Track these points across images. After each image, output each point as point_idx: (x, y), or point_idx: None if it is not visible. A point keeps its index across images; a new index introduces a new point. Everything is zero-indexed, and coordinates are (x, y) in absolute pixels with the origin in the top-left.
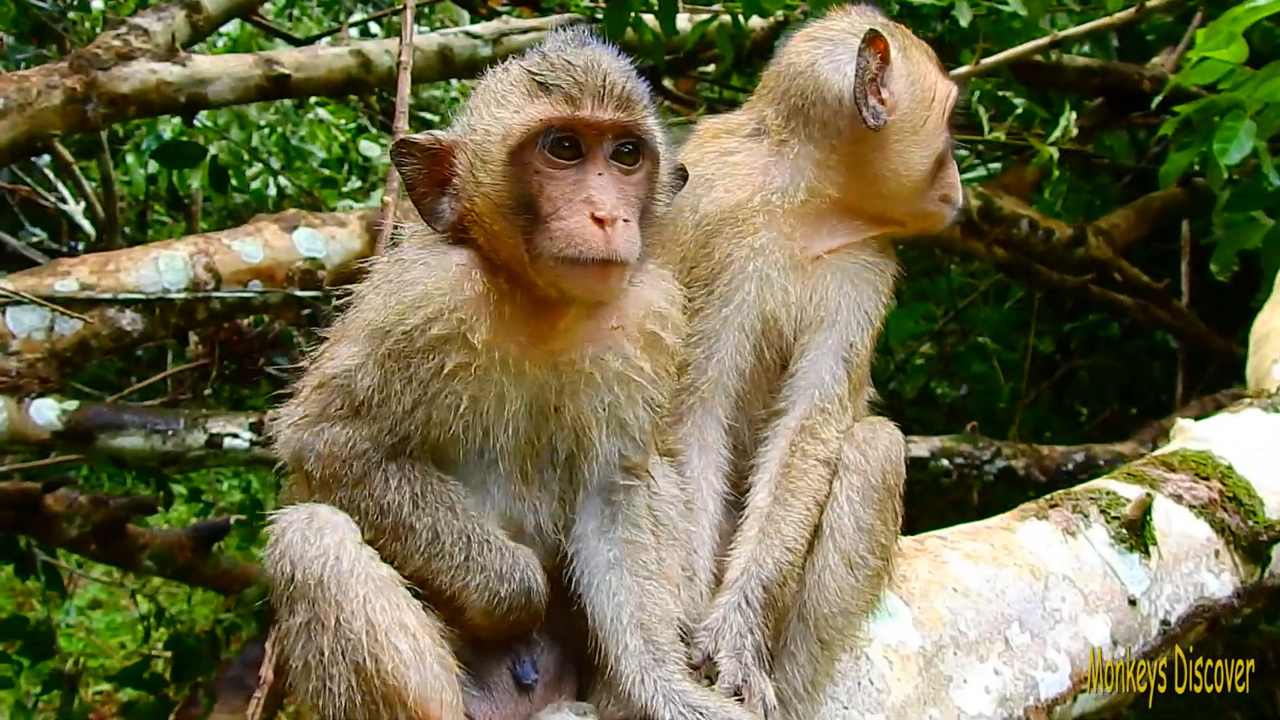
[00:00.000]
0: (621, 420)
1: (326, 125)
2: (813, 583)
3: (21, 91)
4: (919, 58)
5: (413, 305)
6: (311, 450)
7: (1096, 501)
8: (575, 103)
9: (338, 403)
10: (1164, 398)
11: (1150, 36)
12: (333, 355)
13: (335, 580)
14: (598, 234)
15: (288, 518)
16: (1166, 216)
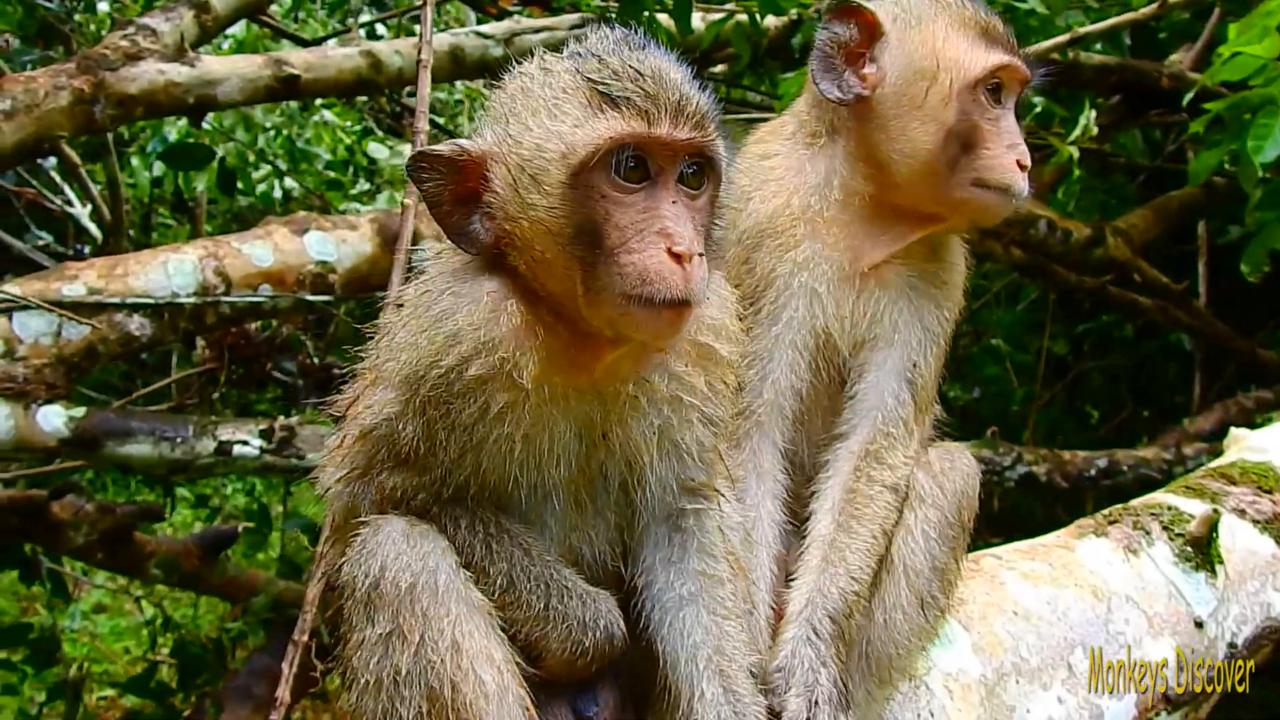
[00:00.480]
0: (674, 442)
1: (332, 128)
2: (881, 620)
3: (28, 92)
4: (938, 29)
5: (445, 344)
6: (365, 500)
7: (1158, 517)
8: (649, 119)
9: (383, 454)
10: (1178, 399)
11: (1163, 34)
12: (369, 403)
13: (429, 593)
14: (675, 271)
15: (383, 520)
16: (1185, 216)
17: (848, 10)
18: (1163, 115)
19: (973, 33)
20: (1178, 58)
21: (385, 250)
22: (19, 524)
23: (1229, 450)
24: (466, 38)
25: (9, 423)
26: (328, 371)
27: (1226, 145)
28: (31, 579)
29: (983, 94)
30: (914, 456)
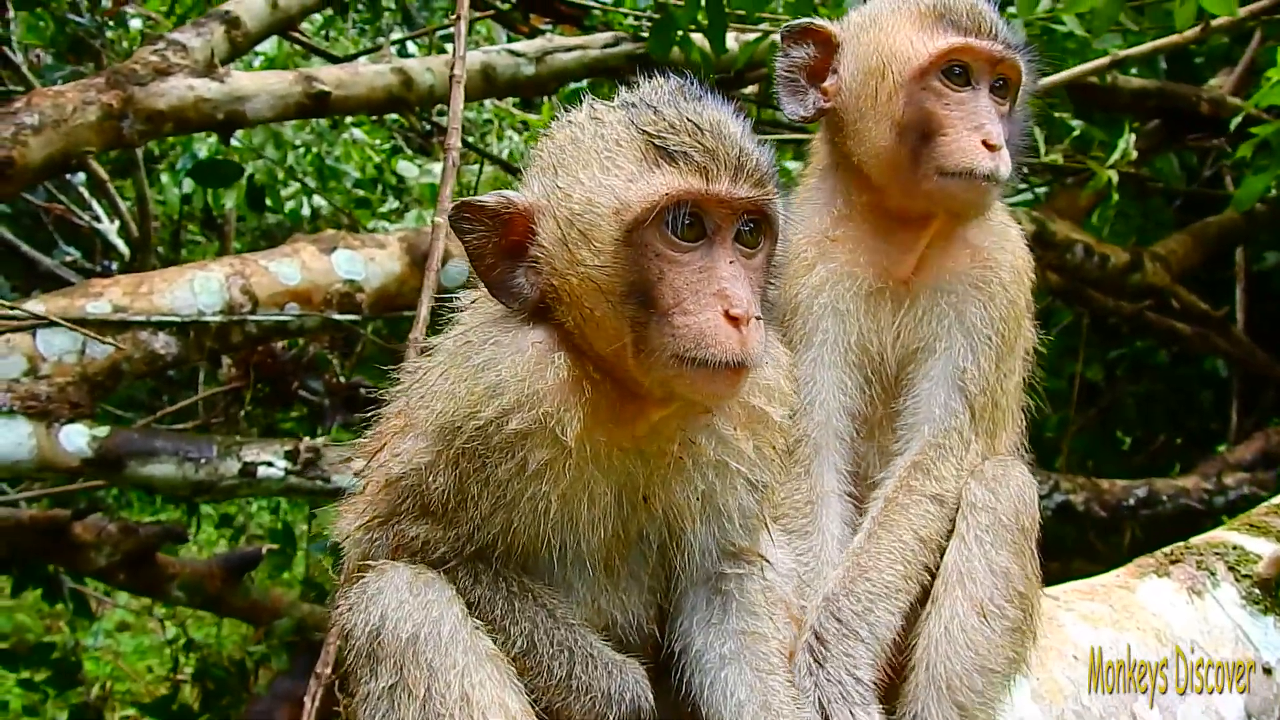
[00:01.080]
0: (718, 507)
1: (361, 145)
2: (939, 635)
3: (57, 107)
4: (886, 25)
5: (486, 395)
6: (382, 547)
7: (1223, 557)
8: (708, 175)
9: (408, 504)
10: (1214, 426)
11: (1199, 59)
12: (398, 450)
13: (434, 643)
14: (732, 334)
15: (388, 566)
16: (1223, 242)
17: (801, 32)
18: (1200, 140)
19: (926, 20)
20: (1217, 82)
21: (414, 269)
22: (41, 544)
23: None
24: (498, 55)
25: (31, 442)
26: (354, 390)
27: (1274, 170)
28: (55, 598)
29: (937, 80)
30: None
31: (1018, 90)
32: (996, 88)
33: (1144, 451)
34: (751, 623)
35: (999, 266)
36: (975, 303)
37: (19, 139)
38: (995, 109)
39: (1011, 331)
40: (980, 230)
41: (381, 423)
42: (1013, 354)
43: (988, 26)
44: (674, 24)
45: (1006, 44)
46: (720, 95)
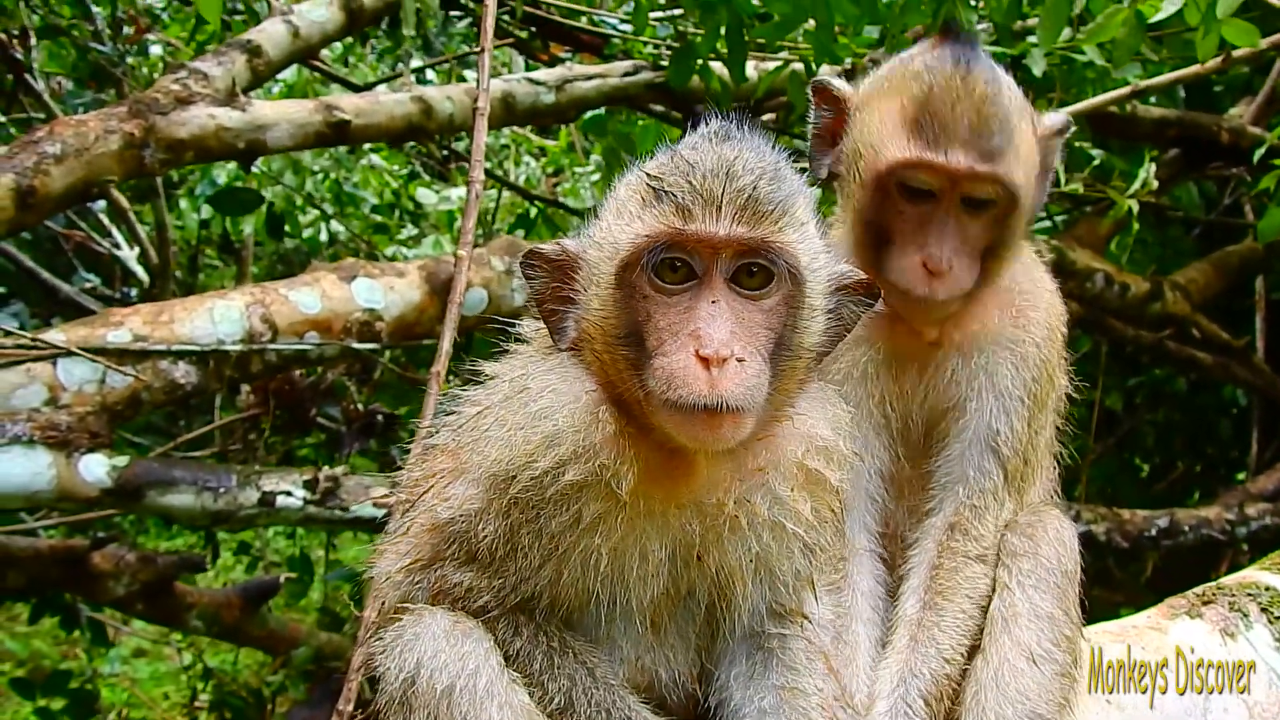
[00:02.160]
0: (771, 570)
1: (380, 171)
2: (989, 682)
3: (79, 136)
4: (880, 109)
5: (544, 445)
6: (423, 591)
7: (1255, 599)
8: (686, 215)
9: (454, 550)
10: (1233, 454)
11: (1218, 88)
12: (446, 495)
13: (469, 696)
14: (700, 376)
15: (426, 612)
16: (1244, 272)
17: (820, 90)
18: (1220, 169)
19: (903, 118)
20: (1237, 112)
21: (433, 298)
22: (60, 574)
23: None
24: (519, 84)
25: (51, 472)
26: (372, 418)
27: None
28: (72, 626)
29: (895, 189)
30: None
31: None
32: (971, 203)
33: (1163, 480)
34: (791, 678)
35: (1031, 324)
36: (1007, 364)
37: (41, 168)
38: (956, 226)
39: (1044, 391)
40: (1011, 284)
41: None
42: (1044, 411)
43: (960, 136)
44: (694, 53)
45: (984, 156)
46: (756, 133)
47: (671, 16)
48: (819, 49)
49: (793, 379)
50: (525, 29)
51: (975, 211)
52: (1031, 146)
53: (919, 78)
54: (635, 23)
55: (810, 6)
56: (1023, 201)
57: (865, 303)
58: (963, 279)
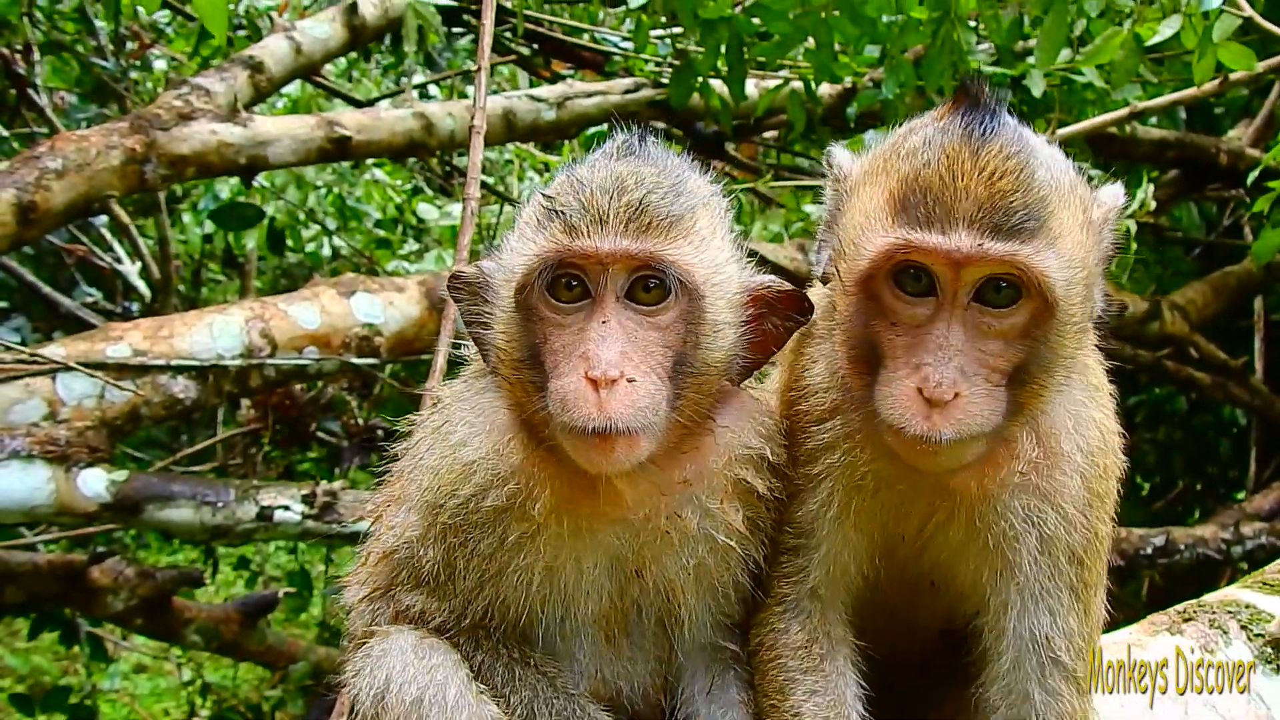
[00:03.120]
0: (712, 582)
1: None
2: None
3: (80, 151)
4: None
5: (462, 475)
6: (384, 617)
7: (1235, 616)
8: (573, 231)
9: (404, 576)
10: (1232, 474)
11: (1219, 109)
12: (391, 524)
13: (438, 707)
14: (589, 398)
15: (393, 630)
16: (1242, 293)
17: (828, 162)
18: (1219, 190)
19: (894, 198)
20: (1236, 134)
21: (432, 313)
22: (59, 589)
23: None
24: (519, 101)
25: (50, 486)
26: (371, 432)
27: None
28: (71, 641)
29: (884, 292)
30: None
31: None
32: (988, 306)
33: (1163, 498)
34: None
35: (1072, 467)
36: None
37: (42, 183)
38: (967, 338)
39: (1095, 561)
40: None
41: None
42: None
43: (962, 212)
44: (694, 71)
45: (998, 233)
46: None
47: (672, 35)
48: (819, 68)
49: (701, 394)
50: (527, 46)
51: (995, 318)
52: (1078, 235)
53: (914, 154)
54: (636, 40)
55: (810, 26)
56: (1063, 304)
57: (794, 319)
58: (978, 413)
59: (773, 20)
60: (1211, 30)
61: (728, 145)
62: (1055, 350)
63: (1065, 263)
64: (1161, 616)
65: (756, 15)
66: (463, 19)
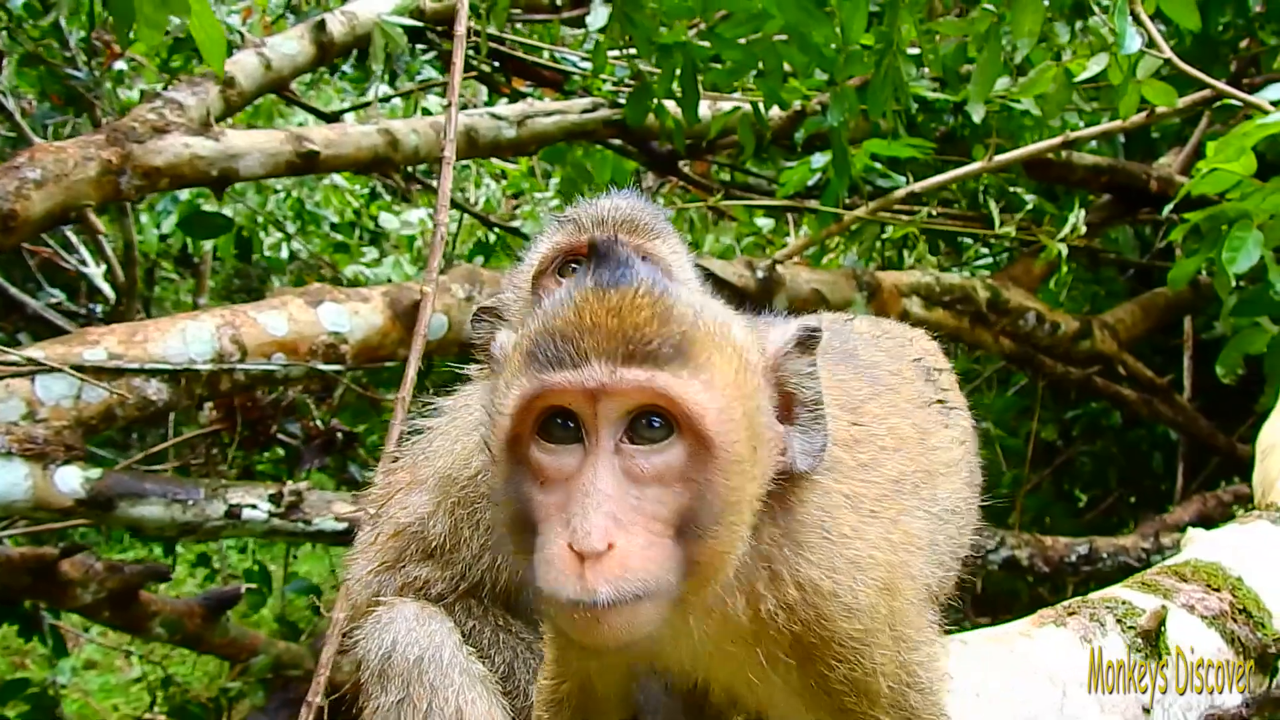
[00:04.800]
0: None
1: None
2: None
3: (59, 162)
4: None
5: (476, 450)
6: (389, 588)
7: (1113, 611)
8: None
9: (412, 549)
10: (1163, 487)
11: (1156, 135)
12: (404, 504)
13: (435, 665)
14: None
15: (398, 604)
16: (1171, 313)
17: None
18: (1151, 214)
19: (524, 352)
20: (1167, 161)
21: (395, 322)
22: (30, 582)
23: (1185, 549)
24: (481, 119)
25: (28, 483)
26: (331, 435)
27: (1204, 254)
28: (30, 633)
29: (535, 446)
30: None
31: (696, 448)
32: (642, 433)
33: (1097, 510)
34: None
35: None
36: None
37: (21, 193)
38: (620, 478)
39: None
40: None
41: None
42: None
43: (595, 345)
44: (650, 93)
45: (632, 359)
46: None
47: (629, 57)
48: (768, 93)
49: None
50: (489, 63)
51: (647, 458)
52: (737, 374)
53: (542, 315)
54: (595, 62)
55: (760, 53)
56: (719, 439)
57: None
58: (639, 566)
59: (725, 47)
60: (1135, 68)
61: (681, 164)
62: (723, 498)
63: (715, 394)
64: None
65: (710, 41)
66: (426, 38)
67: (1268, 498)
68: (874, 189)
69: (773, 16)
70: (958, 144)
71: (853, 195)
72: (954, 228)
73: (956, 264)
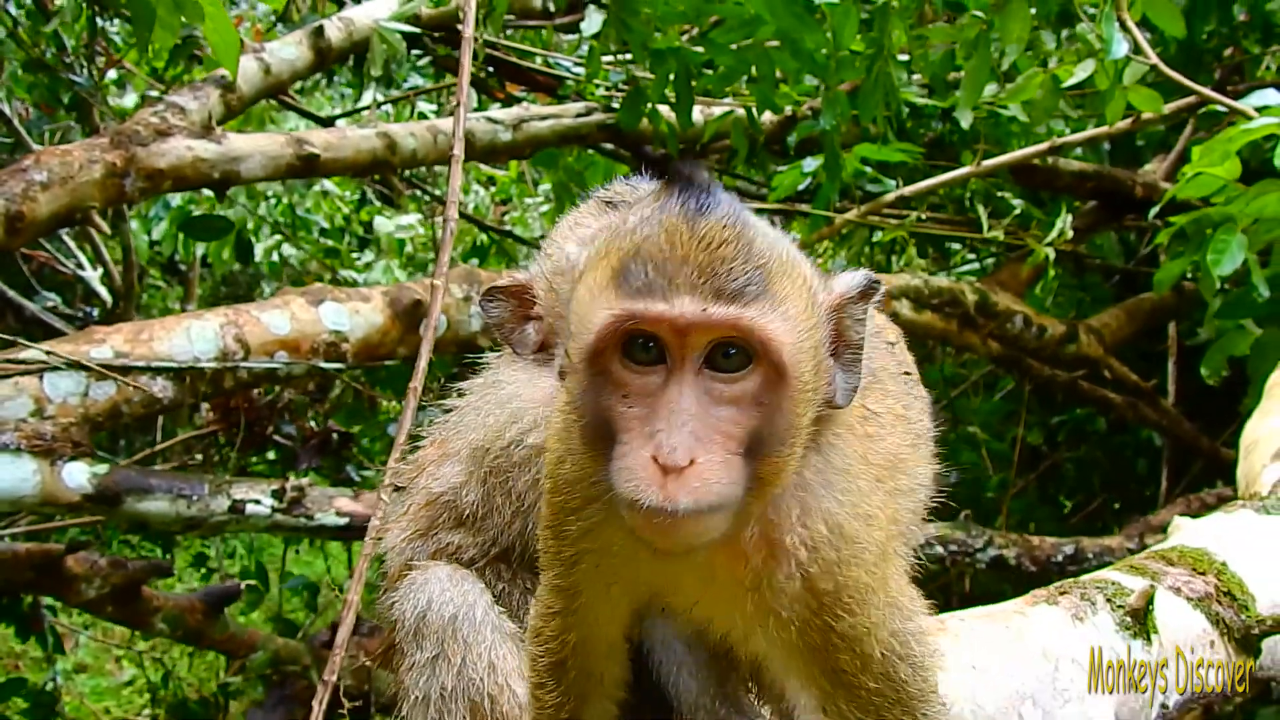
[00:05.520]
0: None
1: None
2: None
3: (64, 165)
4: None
5: (509, 421)
6: (422, 554)
7: (1103, 590)
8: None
9: (444, 518)
10: (1148, 493)
11: (1141, 142)
12: (437, 475)
13: (469, 622)
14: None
15: (431, 567)
16: (1156, 317)
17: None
18: (1137, 220)
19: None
20: (1152, 167)
21: (395, 321)
22: (33, 578)
23: (1171, 536)
24: (478, 123)
25: (36, 478)
26: (327, 436)
27: (1189, 257)
28: (28, 633)
29: (617, 361)
30: None
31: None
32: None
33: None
34: None
35: (795, 566)
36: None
37: (29, 195)
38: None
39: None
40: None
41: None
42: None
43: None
44: (644, 97)
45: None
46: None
47: (623, 62)
48: (761, 98)
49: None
50: (484, 69)
51: (726, 384)
52: (807, 310)
53: (633, 232)
54: (589, 67)
55: (753, 59)
56: (792, 369)
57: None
58: (716, 480)
59: (718, 52)
60: (1122, 74)
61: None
62: (790, 420)
63: (791, 328)
64: (1042, 591)
65: (703, 47)
66: (422, 43)
67: (1251, 490)
68: (864, 194)
69: (765, 22)
70: (946, 150)
71: (843, 199)
72: (943, 231)
73: (944, 270)
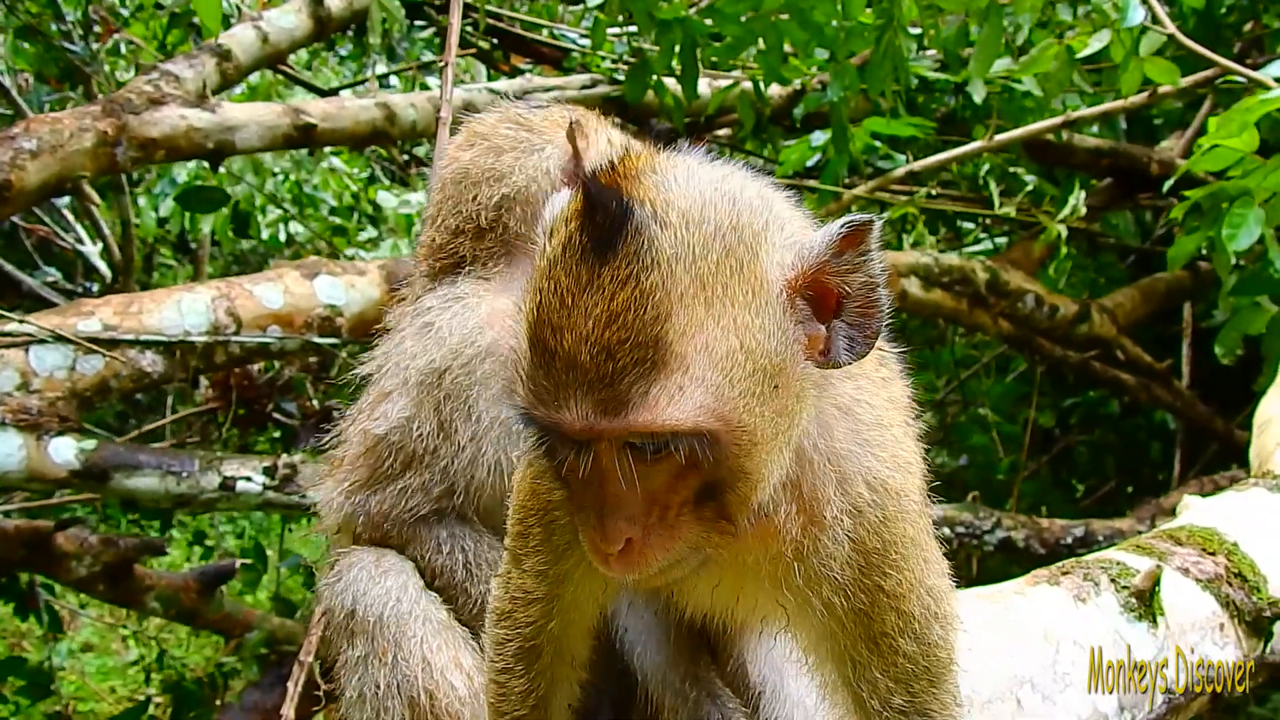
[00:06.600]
0: None
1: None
2: None
3: (54, 133)
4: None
5: (468, 339)
6: (363, 512)
7: (1107, 571)
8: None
9: (389, 461)
10: (1160, 476)
11: (1158, 120)
12: (374, 415)
13: (395, 619)
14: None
15: (355, 556)
16: (1170, 298)
17: None
18: (1152, 199)
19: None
20: (1168, 144)
21: (392, 295)
22: (24, 555)
23: (1181, 515)
24: (479, 94)
25: (21, 453)
26: (327, 414)
27: (1204, 232)
28: (27, 612)
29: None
30: None
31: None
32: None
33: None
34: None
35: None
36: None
37: (17, 163)
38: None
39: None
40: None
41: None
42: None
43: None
44: (649, 69)
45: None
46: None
47: (628, 33)
48: (768, 70)
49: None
50: (488, 40)
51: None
52: (745, 311)
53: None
54: (594, 38)
55: (760, 30)
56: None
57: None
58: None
59: (725, 23)
60: (1138, 45)
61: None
62: (739, 463)
63: (704, 394)
64: (1043, 571)
65: (710, 18)
66: (424, 12)
67: (1264, 468)
68: (873, 169)
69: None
70: (958, 125)
71: (852, 175)
72: (954, 208)
73: (955, 248)
